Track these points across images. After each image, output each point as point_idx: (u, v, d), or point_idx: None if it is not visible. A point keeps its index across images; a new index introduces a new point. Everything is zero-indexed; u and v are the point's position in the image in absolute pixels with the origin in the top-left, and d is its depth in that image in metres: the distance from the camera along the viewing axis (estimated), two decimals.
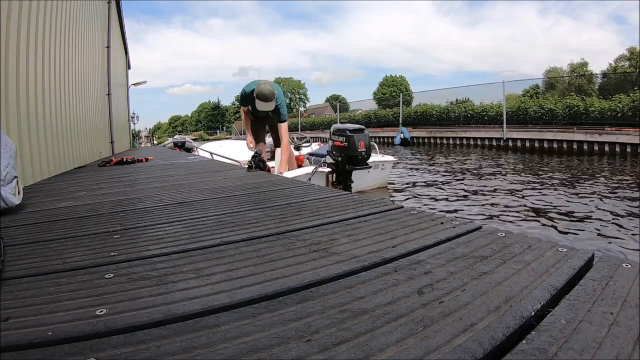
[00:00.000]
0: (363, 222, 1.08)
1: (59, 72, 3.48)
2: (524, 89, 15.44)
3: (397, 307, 0.56)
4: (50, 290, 0.68)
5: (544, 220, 3.39)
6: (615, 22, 65.26)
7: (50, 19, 3.24)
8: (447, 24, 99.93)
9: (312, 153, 4.92)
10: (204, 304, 0.59)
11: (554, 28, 76.73)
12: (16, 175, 1.64)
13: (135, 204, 1.57)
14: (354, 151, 3.66)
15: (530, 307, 0.54)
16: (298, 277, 0.69)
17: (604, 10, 65.94)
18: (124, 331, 0.53)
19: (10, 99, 2.37)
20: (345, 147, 3.68)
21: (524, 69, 75.53)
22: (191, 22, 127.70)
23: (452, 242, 0.86)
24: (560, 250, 0.76)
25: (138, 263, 0.81)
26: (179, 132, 52.67)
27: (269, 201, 1.47)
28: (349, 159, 3.74)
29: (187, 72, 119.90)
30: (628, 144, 8.50)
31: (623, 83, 12.61)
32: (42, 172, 2.85)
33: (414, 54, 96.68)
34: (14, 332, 0.53)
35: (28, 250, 0.96)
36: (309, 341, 0.48)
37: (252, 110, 3.34)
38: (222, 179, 2.28)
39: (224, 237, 0.98)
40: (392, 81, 36.75)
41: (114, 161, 3.91)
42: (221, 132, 42.89)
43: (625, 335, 0.46)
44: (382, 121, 18.02)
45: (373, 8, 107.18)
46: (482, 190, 4.87)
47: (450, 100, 16.72)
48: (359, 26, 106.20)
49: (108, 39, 6.64)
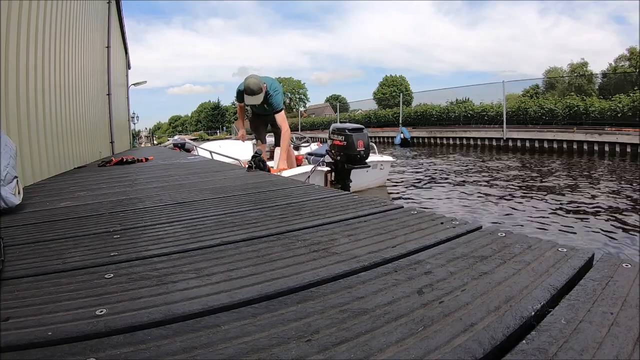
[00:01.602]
0: (363, 222, 1.08)
1: (59, 72, 3.48)
2: (524, 89, 15.45)
3: (397, 307, 0.56)
4: (50, 290, 0.68)
5: (544, 220, 3.39)
6: (615, 22, 65.37)
7: (50, 19, 3.24)
8: (447, 24, 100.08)
9: (310, 153, 4.93)
10: (204, 304, 0.59)
11: (554, 28, 76.85)
12: (16, 175, 1.64)
13: (135, 204, 1.57)
14: (353, 150, 3.68)
15: (530, 307, 0.54)
16: (298, 277, 0.69)
17: (604, 10, 66.04)
18: (124, 331, 0.53)
19: (10, 99, 2.37)
20: (345, 146, 3.71)
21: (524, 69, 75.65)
22: (191, 22, 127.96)
23: (452, 242, 0.86)
24: (560, 250, 0.76)
25: (138, 263, 0.81)
26: (179, 132, 52.64)
27: (269, 201, 1.47)
28: (348, 158, 3.76)
29: (187, 72, 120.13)
30: (628, 144, 8.50)
31: (623, 83, 12.62)
32: (42, 172, 2.85)
33: (414, 54, 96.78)
34: (14, 332, 0.53)
35: (28, 250, 0.96)
36: (309, 341, 0.48)
37: (250, 106, 3.38)
38: (222, 179, 2.28)
39: (224, 237, 0.98)
40: (392, 81, 36.75)
41: (114, 161, 3.91)
42: (221, 132, 42.89)
43: (625, 335, 0.46)
44: (382, 121, 18.03)
45: (373, 8, 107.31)
46: (482, 190, 4.87)
47: (450, 100, 16.74)
48: (359, 26, 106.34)
49: (108, 39, 6.64)
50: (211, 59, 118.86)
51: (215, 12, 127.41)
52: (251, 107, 3.39)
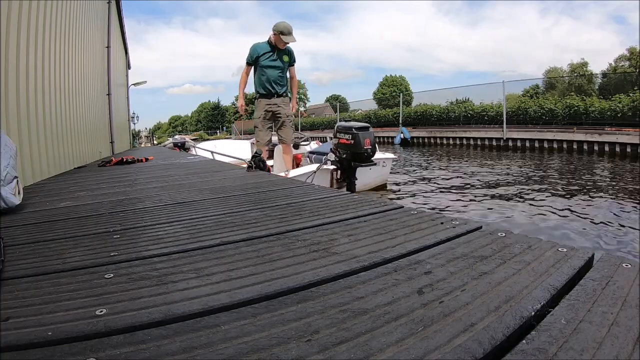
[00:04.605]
0: (363, 222, 1.08)
1: (59, 72, 3.48)
2: (524, 89, 15.43)
3: (397, 307, 0.56)
4: (50, 290, 0.68)
5: (544, 220, 3.39)
6: (615, 22, 65.34)
7: (50, 19, 3.24)
8: (447, 24, 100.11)
9: (312, 151, 4.92)
10: (204, 304, 0.59)
11: (554, 28, 76.80)
12: (16, 175, 1.64)
13: (135, 204, 1.57)
14: (360, 148, 3.72)
15: (530, 307, 0.54)
16: (298, 277, 0.69)
17: (604, 10, 66.01)
18: (124, 331, 0.53)
19: (10, 99, 2.37)
20: (351, 145, 3.74)
21: (524, 69, 75.57)
22: (191, 22, 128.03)
23: (452, 242, 0.86)
24: (560, 250, 0.76)
25: (138, 263, 0.81)
26: (179, 132, 52.62)
27: (269, 201, 1.47)
28: (354, 156, 3.80)
29: (187, 72, 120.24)
30: (628, 144, 8.49)
31: (623, 83, 12.61)
32: (42, 172, 2.85)
33: (414, 54, 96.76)
34: (14, 332, 0.53)
35: (28, 250, 0.96)
36: (309, 341, 0.48)
37: (262, 65, 3.44)
38: (222, 179, 2.28)
39: (224, 237, 0.98)
40: (392, 81, 36.72)
41: (114, 161, 3.91)
42: (221, 132, 42.89)
43: (625, 335, 0.46)
44: (382, 121, 18.00)
45: (373, 8, 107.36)
46: (482, 190, 4.87)
47: (450, 100, 16.70)
48: (359, 26, 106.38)
49: (108, 39, 6.64)
50: (211, 59, 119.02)
51: (215, 12, 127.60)
52: (264, 62, 3.45)
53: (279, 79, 3.49)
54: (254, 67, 3.50)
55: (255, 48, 3.45)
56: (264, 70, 3.44)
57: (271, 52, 3.42)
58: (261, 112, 3.49)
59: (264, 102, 3.49)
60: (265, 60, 3.42)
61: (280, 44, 3.39)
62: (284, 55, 3.48)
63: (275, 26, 3.37)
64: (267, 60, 3.42)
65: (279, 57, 3.46)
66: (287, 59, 3.51)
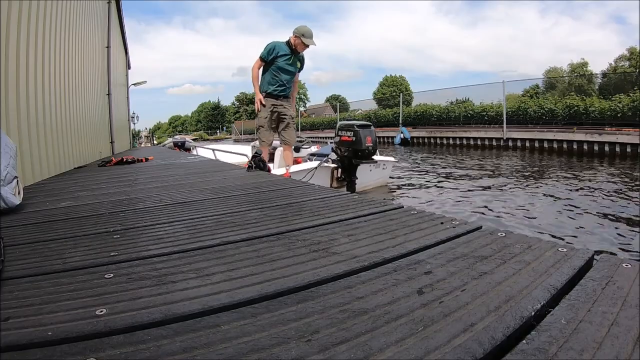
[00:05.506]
0: (363, 222, 1.08)
1: (59, 72, 3.48)
2: (524, 89, 15.43)
3: (397, 307, 0.56)
4: (50, 290, 0.68)
5: (544, 220, 3.39)
6: (615, 22, 65.39)
7: (50, 19, 3.24)
8: (447, 24, 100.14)
9: (313, 153, 4.93)
10: (204, 304, 0.59)
11: (554, 28, 76.84)
12: (16, 175, 1.64)
13: (135, 204, 1.57)
14: (361, 145, 3.76)
15: (530, 307, 0.54)
16: (298, 277, 0.69)
17: (604, 10, 66.09)
18: (124, 331, 0.53)
19: (10, 99, 2.37)
20: (353, 142, 3.79)
21: (524, 69, 75.56)
22: (191, 22, 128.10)
23: (452, 242, 0.86)
24: (560, 250, 0.76)
25: (138, 263, 0.81)
26: (179, 132, 52.67)
27: (269, 201, 1.47)
28: (356, 153, 3.83)
29: (187, 72, 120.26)
30: (628, 144, 8.49)
31: (623, 83, 12.61)
32: (42, 172, 2.85)
33: (414, 54, 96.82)
34: (14, 332, 0.53)
35: (28, 250, 0.96)
36: (309, 341, 0.48)
37: (279, 65, 3.39)
38: (222, 179, 2.28)
39: (224, 237, 0.98)
40: (392, 81, 36.72)
41: (114, 161, 3.91)
42: (221, 132, 42.89)
43: (625, 335, 0.46)
44: (382, 121, 17.99)
45: (373, 8, 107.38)
46: (482, 190, 4.86)
47: (450, 100, 16.72)
48: (359, 26, 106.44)
49: (108, 39, 6.64)
50: (211, 59, 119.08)
51: (215, 12, 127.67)
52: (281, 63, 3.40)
53: (289, 82, 3.49)
54: (266, 64, 3.44)
55: (276, 47, 3.39)
56: (279, 72, 3.41)
57: (290, 55, 3.40)
58: (267, 112, 3.47)
59: (271, 101, 3.47)
60: (283, 62, 3.40)
61: (300, 47, 3.37)
62: (297, 62, 3.49)
63: (297, 29, 3.34)
64: (284, 63, 3.40)
65: (294, 62, 3.45)
66: (298, 65, 3.52)
